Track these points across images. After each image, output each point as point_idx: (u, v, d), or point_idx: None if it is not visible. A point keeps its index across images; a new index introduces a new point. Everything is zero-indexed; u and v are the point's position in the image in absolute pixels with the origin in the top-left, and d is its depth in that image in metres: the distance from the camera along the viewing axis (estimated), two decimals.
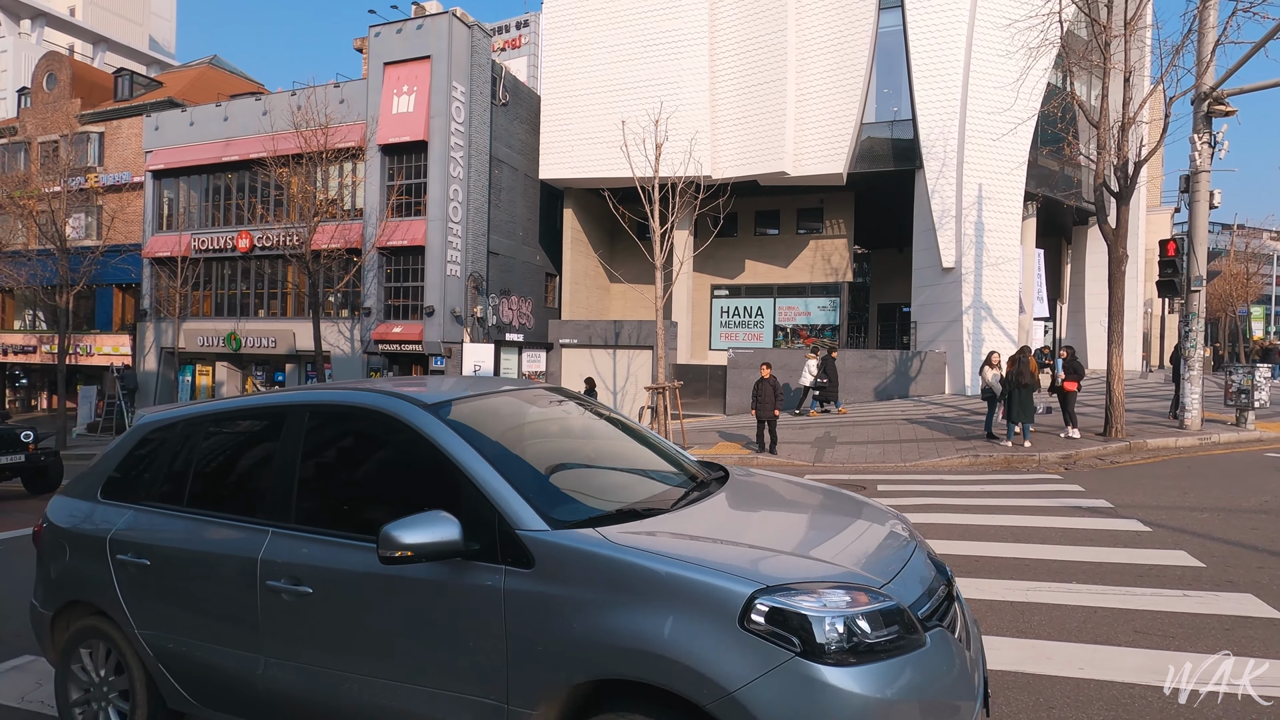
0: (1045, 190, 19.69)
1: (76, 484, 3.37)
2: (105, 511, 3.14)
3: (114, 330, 26.98)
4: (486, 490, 2.27)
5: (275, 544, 2.59)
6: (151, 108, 26.21)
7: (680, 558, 2.03)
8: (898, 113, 19.39)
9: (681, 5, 21.24)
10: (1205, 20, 10.71)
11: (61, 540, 3.23)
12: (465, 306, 21.32)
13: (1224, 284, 36.07)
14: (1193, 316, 11.41)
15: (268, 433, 2.95)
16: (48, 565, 3.29)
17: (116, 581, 2.95)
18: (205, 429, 3.10)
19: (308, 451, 2.74)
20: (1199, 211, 11.29)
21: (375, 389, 2.79)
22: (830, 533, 2.54)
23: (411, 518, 2.13)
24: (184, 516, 2.91)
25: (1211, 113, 10.83)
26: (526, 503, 2.24)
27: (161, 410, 3.39)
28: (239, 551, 2.66)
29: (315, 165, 18.64)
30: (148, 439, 3.22)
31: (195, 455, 3.05)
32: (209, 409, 3.18)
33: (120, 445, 3.31)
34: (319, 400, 2.89)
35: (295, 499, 2.65)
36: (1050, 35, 11.60)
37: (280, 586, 2.51)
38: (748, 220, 25.09)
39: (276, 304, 24.00)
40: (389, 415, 2.58)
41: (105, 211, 25.96)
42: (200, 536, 2.82)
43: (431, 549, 2.12)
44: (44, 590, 3.30)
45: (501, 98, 22.78)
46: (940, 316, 18.79)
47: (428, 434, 2.46)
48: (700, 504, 2.60)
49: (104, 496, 3.20)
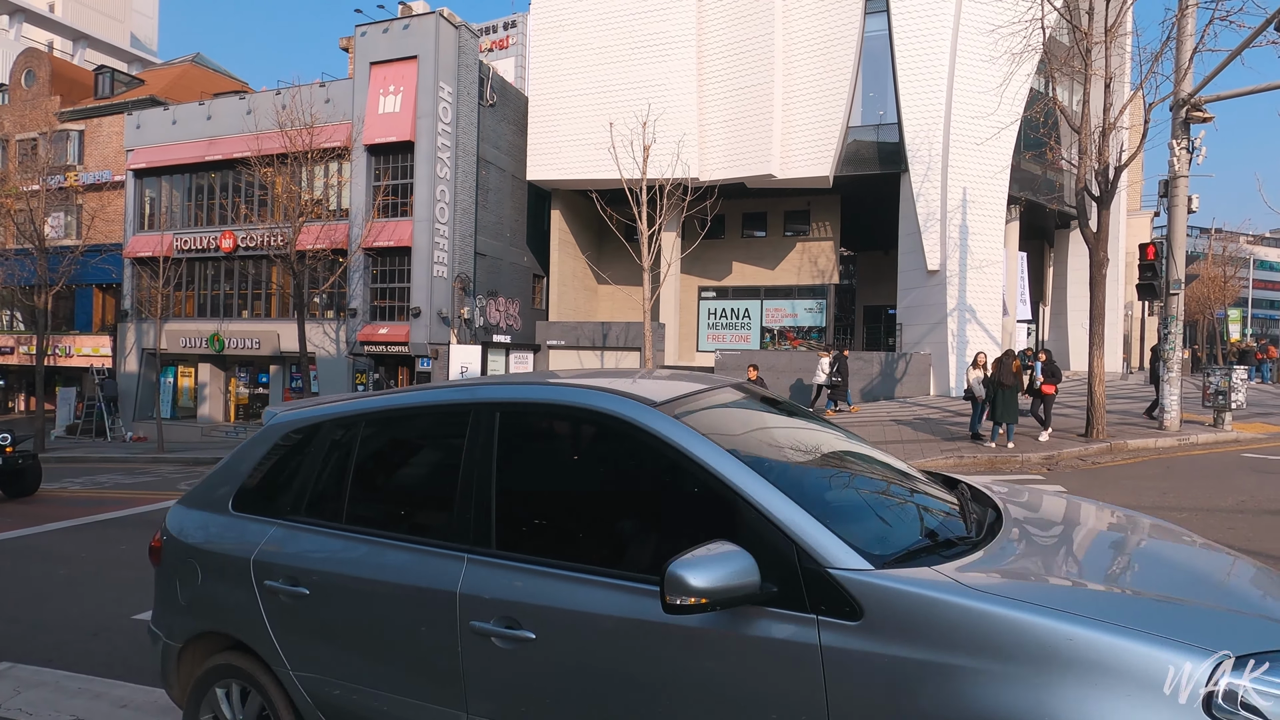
0: (1028, 194, 19.92)
1: (199, 493, 2.92)
2: (242, 527, 2.66)
3: (94, 331, 26.58)
4: (775, 516, 1.78)
5: (476, 575, 2.12)
6: (133, 106, 25.88)
7: (1090, 615, 1.51)
8: (883, 116, 19.54)
9: (669, 8, 21.29)
10: (1183, 28, 10.90)
11: (190, 560, 2.74)
12: (452, 308, 21.22)
13: (1202, 287, 36.67)
14: (1172, 319, 11.60)
15: (446, 436, 2.46)
16: (173, 588, 2.79)
17: (265, 613, 2.47)
18: (360, 431, 2.58)
19: (503, 460, 2.23)
20: (1177, 216, 11.48)
21: (577, 384, 2.32)
22: (1232, 575, 2.01)
23: (698, 554, 1.66)
24: (346, 536, 2.43)
25: (1190, 119, 11.01)
26: (833, 532, 1.75)
27: (296, 408, 2.88)
28: (428, 582, 2.18)
29: (300, 165, 18.50)
30: (284, 442, 2.75)
31: (351, 463, 2.56)
32: (360, 407, 2.65)
33: (250, 449, 2.83)
34: (510, 398, 2.35)
35: (495, 519, 2.17)
36: (1033, 41, 11.75)
37: (491, 629, 2.04)
38: (735, 222, 25.18)
39: (260, 305, 23.76)
40: (613, 417, 2.08)
41: (85, 211, 25.59)
42: (372, 562, 2.33)
43: (729, 594, 1.64)
44: (168, 617, 2.81)
45: (489, 98, 22.71)
46: (925, 319, 18.94)
47: (676, 442, 1.97)
48: (1015, 535, 2.08)
49: (237, 509, 2.72)
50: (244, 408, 25.60)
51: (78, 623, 5.12)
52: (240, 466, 2.82)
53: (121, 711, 3.64)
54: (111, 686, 3.95)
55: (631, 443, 2.07)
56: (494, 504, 2.18)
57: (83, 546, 7.69)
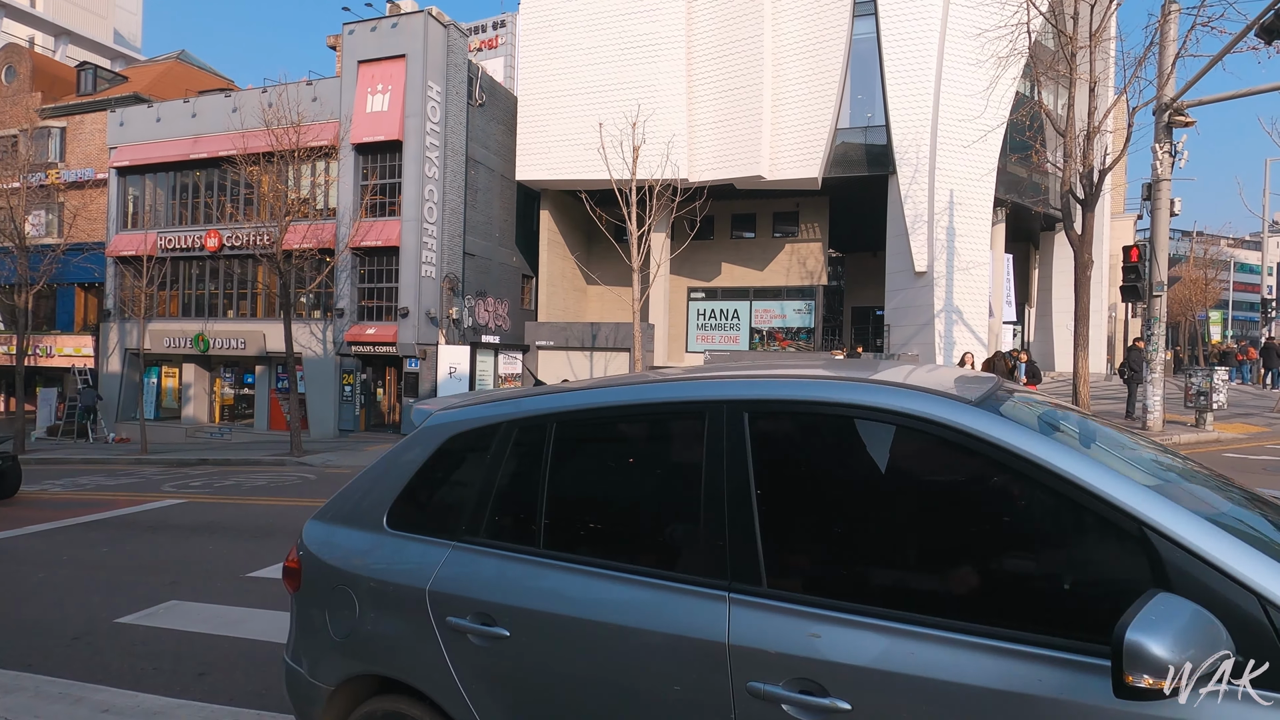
0: (1014, 197, 20.12)
1: (342, 506, 2.48)
2: (406, 550, 2.21)
3: (76, 331, 26.22)
4: (1218, 558, 1.30)
5: (747, 621, 1.65)
6: (116, 103, 25.56)
7: None
8: (871, 119, 19.66)
9: (658, 9, 21.31)
10: (1166, 34, 11.04)
11: (343, 587, 2.28)
12: (440, 308, 21.12)
13: (1184, 289, 37.16)
14: (1155, 321, 11.74)
15: (670, 443, 2.05)
16: (320, 619, 2.33)
17: (449, 657, 2.02)
18: (552, 434, 2.12)
19: (763, 476, 1.76)
20: (1160, 219, 11.63)
21: (845, 376, 1.86)
22: None
23: (1150, 613, 1.20)
24: (548, 564, 1.97)
25: (1172, 123, 11.16)
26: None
27: (459, 405, 2.42)
28: (677, 628, 1.72)
29: (287, 164, 18.32)
30: (452, 446, 2.29)
31: (543, 473, 2.09)
32: (548, 405, 2.17)
33: (405, 455, 2.37)
34: (764, 395, 1.87)
35: (763, 549, 1.71)
36: (1019, 45, 11.87)
37: (783, 694, 1.57)
38: (724, 223, 25.23)
39: (246, 304, 23.54)
40: (929, 420, 1.62)
41: (67, 209, 25.24)
42: (590, 598, 1.87)
43: (1204, 670, 1.21)
44: (315, 653, 2.36)
45: (478, 98, 22.63)
46: (913, 320, 19.07)
47: (1039, 459, 1.49)
48: None
49: (394, 527, 2.28)
50: (229, 408, 25.35)
51: (58, 626, 5.05)
52: (393, 475, 2.36)
53: (103, 716, 3.58)
54: (93, 691, 3.89)
55: (962, 456, 1.60)
56: (758, 530, 1.72)
57: (63, 549, 7.58)
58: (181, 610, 5.32)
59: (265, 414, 23.66)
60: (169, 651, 4.50)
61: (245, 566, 6.50)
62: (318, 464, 15.01)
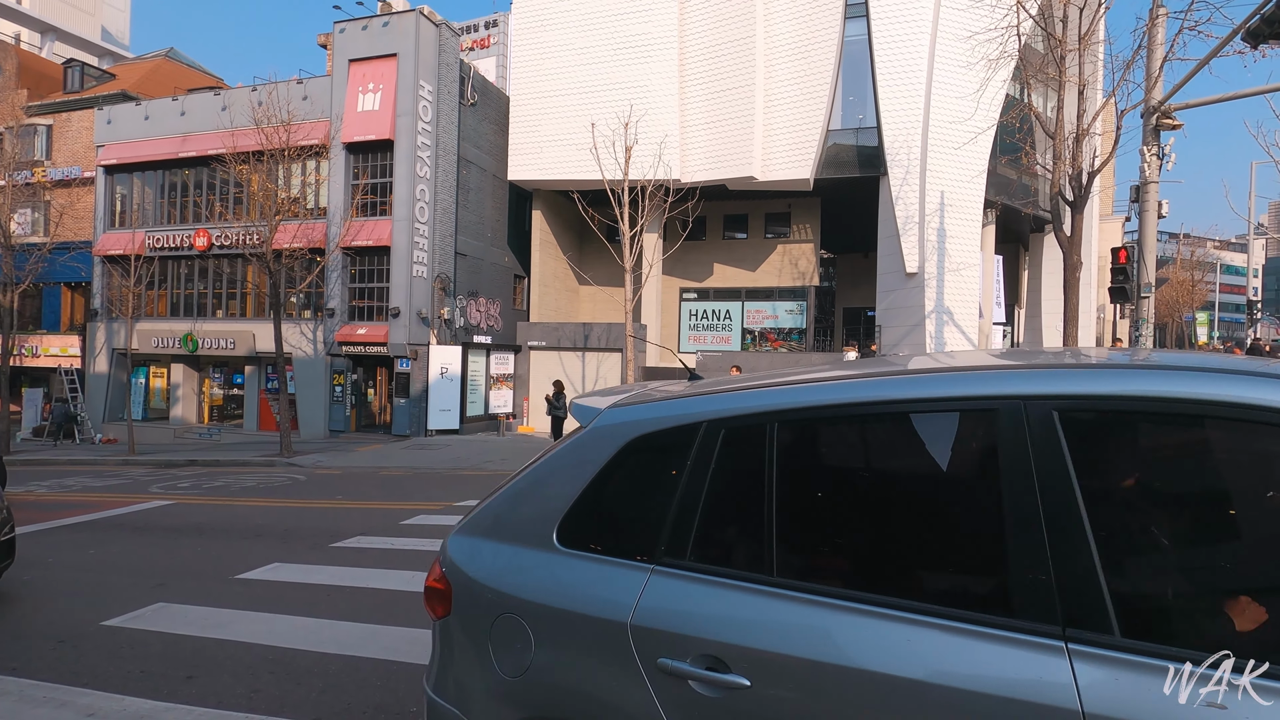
0: (1004, 198, 20.24)
1: (494, 518, 2.14)
2: (590, 573, 1.87)
3: (62, 330, 25.97)
4: None
5: (1106, 685, 1.28)
6: (104, 100, 25.33)
7: None
8: (863, 120, 19.73)
9: (651, 9, 21.32)
10: (1154, 37, 11.14)
11: (510, 616, 1.94)
12: (432, 308, 21.05)
13: (1171, 291, 37.53)
14: (1142, 322, 11.84)
15: (946, 447, 1.65)
16: (481, 653, 1.98)
17: (663, 708, 1.67)
18: (772, 436, 1.76)
19: (1093, 489, 1.41)
20: (1148, 221, 11.72)
21: (1197, 365, 1.47)
22: None
23: None
24: (795, 598, 1.61)
25: (1160, 126, 11.26)
26: None
27: (630, 401, 2.07)
28: (1009, 690, 1.34)
29: (277, 163, 18.21)
30: (638, 448, 1.93)
31: (767, 484, 1.73)
32: (767, 402, 1.82)
33: (575, 457, 2.02)
34: (1075, 391, 1.50)
35: (1108, 590, 1.33)
36: (1009, 48, 11.94)
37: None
38: (716, 224, 25.27)
39: (235, 304, 23.38)
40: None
41: (54, 207, 24.97)
42: (870, 643, 1.49)
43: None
44: (472, 691, 2.01)
45: (470, 98, 22.57)
46: (904, 320, 19.15)
47: None
48: None
49: (567, 544, 1.93)
50: (218, 409, 25.17)
51: (43, 629, 4.99)
52: (560, 483, 2.00)
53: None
54: (79, 695, 3.85)
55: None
56: (1098, 563, 1.35)
57: (49, 551, 7.49)
58: (169, 613, 5.27)
59: (255, 415, 23.50)
60: (156, 654, 4.46)
61: (234, 568, 6.45)
62: (308, 465, 14.93)
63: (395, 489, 11.50)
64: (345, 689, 3.87)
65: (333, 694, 3.82)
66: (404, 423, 20.75)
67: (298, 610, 5.23)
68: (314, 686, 3.91)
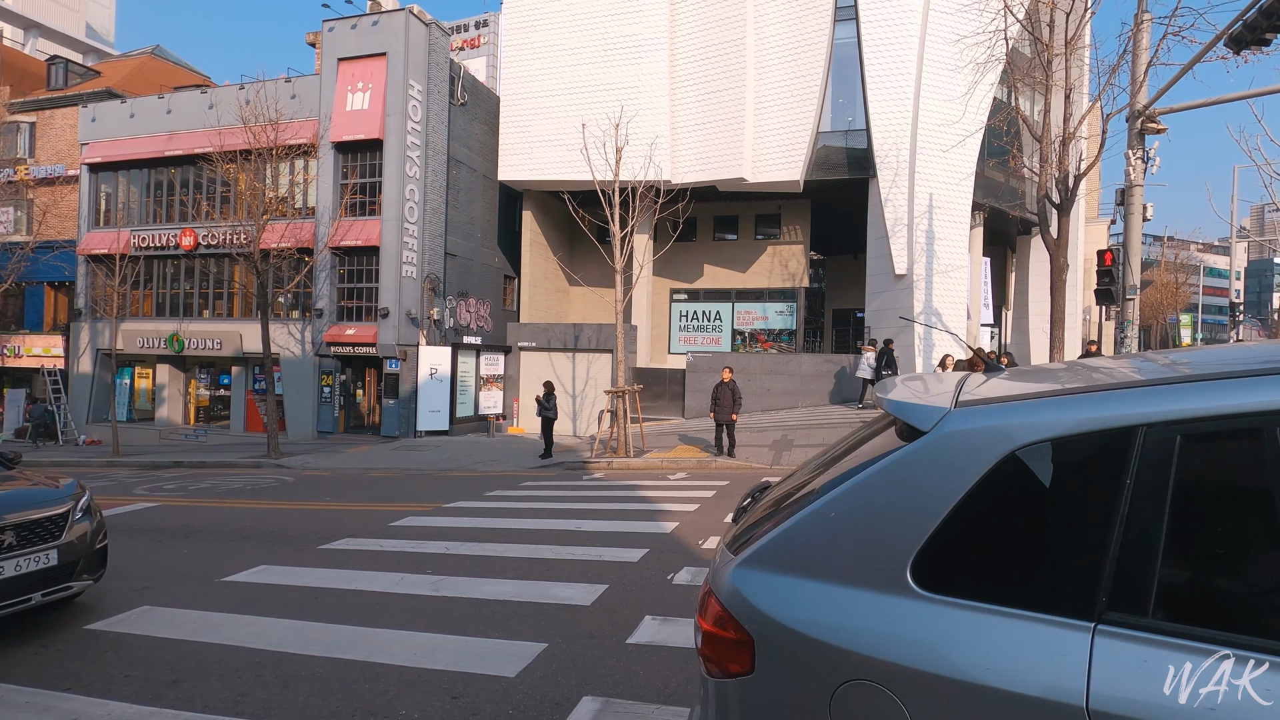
0: (991, 201, 20.40)
1: (803, 550, 1.65)
2: (985, 629, 1.39)
3: (45, 330, 25.66)
4: None
5: None
6: (88, 98, 25.05)
7: None
8: (852, 122, 19.84)
9: (642, 10, 21.34)
10: (1139, 42, 11.28)
11: (870, 686, 1.46)
12: (421, 308, 20.96)
13: (1155, 293, 37.97)
14: (1128, 323, 11.97)
15: None
16: None
17: None
18: (1274, 446, 1.28)
19: None
20: (1133, 224, 11.87)
21: None
22: None
23: None
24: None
25: (1145, 130, 11.40)
26: None
27: (992, 398, 1.61)
28: None
29: (265, 162, 18.07)
30: (1022, 463, 1.46)
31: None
32: (1260, 398, 1.31)
33: (913, 473, 1.55)
34: None
35: None
36: (996, 52, 12.05)
37: None
38: (707, 225, 25.32)
39: (222, 304, 23.18)
40: None
41: (37, 206, 24.68)
42: None
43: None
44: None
45: (460, 97, 22.50)
46: (893, 322, 19.26)
47: None
48: None
49: (931, 587, 1.46)
50: (204, 410, 24.94)
51: (24, 634, 4.92)
52: (902, 505, 1.54)
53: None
54: (61, 700, 3.80)
55: None
56: None
57: None
58: (154, 616, 5.22)
59: (242, 416, 23.31)
60: (140, 658, 4.40)
61: (220, 570, 6.39)
62: (296, 466, 14.82)
63: (384, 490, 11.44)
64: (333, 692, 3.84)
65: (320, 697, 3.78)
66: (393, 424, 20.64)
67: (285, 613, 5.19)
68: (301, 690, 3.88)
